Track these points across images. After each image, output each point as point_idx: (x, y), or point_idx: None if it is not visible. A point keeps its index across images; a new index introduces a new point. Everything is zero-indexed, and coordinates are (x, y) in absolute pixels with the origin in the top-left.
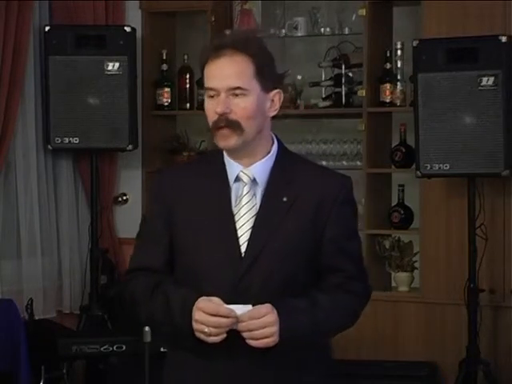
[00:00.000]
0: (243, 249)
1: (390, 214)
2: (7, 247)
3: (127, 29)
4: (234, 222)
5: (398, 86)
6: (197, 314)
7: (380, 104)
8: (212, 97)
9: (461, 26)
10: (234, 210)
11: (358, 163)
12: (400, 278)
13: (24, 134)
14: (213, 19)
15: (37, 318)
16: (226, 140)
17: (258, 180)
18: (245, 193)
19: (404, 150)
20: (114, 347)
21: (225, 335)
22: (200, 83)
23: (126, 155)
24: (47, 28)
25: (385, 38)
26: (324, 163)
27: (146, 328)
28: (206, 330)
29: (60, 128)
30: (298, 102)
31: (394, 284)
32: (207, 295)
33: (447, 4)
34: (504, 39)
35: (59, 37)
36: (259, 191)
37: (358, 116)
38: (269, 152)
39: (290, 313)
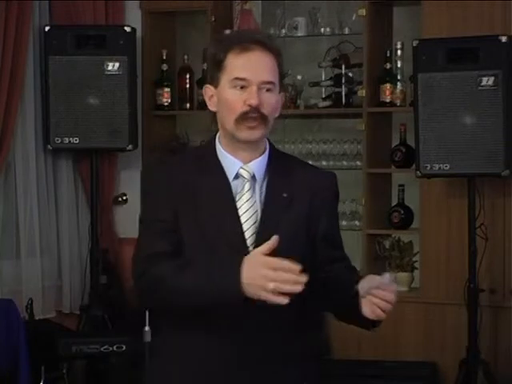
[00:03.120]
0: (249, 244)
1: (390, 214)
2: (7, 247)
3: (127, 29)
4: (239, 218)
5: (398, 86)
6: (261, 270)
7: (380, 104)
8: (240, 87)
9: (461, 26)
10: (236, 206)
11: (358, 163)
12: (400, 278)
13: (24, 134)
14: (213, 19)
15: (37, 318)
16: (253, 131)
17: (256, 176)
18: (246, 189)
19: (404, 150)
20: (114, 347)
21: (288, 299)
22: (200, 83)
23: (126, 155)
24: (47, 28)
25: (385, 38)
26: (324, 163)
27: (146, 328)
28: (272, 285)
29: (60, 128)
30: (298, 102)
31: None
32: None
33: (447, 4)
34: (504, 39)
35: (59, 37)
36: (257, 187)
37: (358, 116)
38: (265, 149)
39: None
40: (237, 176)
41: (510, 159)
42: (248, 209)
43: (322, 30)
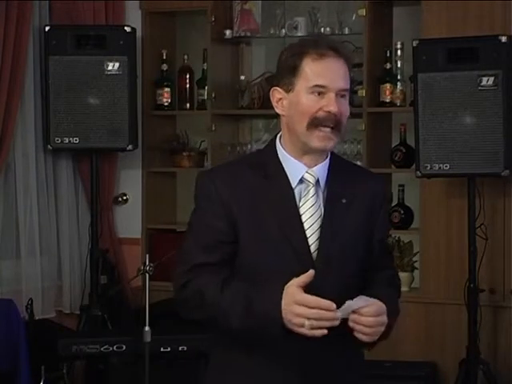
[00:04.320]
0: (313, 249)
1: (390, 214)
2: (7, 247)
3: (127, 29)
4: (301, 224)
5: (398, 86)
6: (296, 308)
7: (380, 104)
8: (318, 94)
9: (461, 26)
10: (300, 210)
11: (358, 163)
12: (400, 278)
13: (24, 134)
14: (213, 19)
15: (37, 318)
16: (327, 141)
17: (320, 181)
18: (311, 194)
19: (404, 150)
20: (114, 347)
21: (326, 331)
22: (200, 83)
23: (126, 155)
24: (47, 28)
25: (385, 38)
26: None
27: (146, 328)
28: (307, 322)
29: (60, 128)
30: None
31: None
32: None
33: (447, 4)
34: (504, 39)
35: (59, 37)
36: (320, 192)
37: (358, 116)
38: (327, 155)
39: (389, 312)
40: (301, 181)
41: (510, 159)
42: (313, 214)
43: (322, 30)
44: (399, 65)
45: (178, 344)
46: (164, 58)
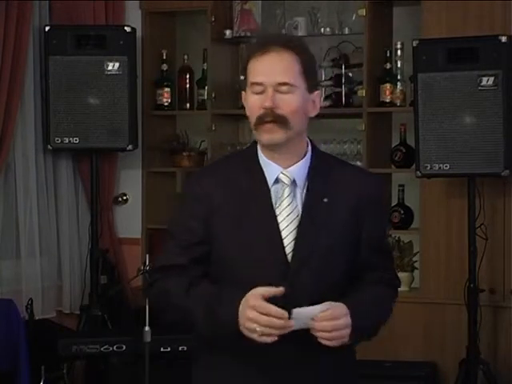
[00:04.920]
0: (288, 251)
1: (390, 214)
2: (7, 247)
3: (127, 29)
4: (277, 224)
5: (398, 86)
6: (248, 312)
7: (380, 104)
8: (258, 93)
9: (461, 26)
10: (276, 211)
11: (358, 163)
12: (400, 278)
13: (24, 134)
14: (213, 19)
15: (37, 318)
16: (272, 134)
17: (297, 181)
18: (286, 195)
19: (404, 150)
20: (114, 347)
21: (276, 338)
22: (200, 83)
23: (126, 155)
24: (47, 28)
25: (385, 38)
26: None
27: (146, 328)
28: (258, 329)
29: (60, 128)
30: None
31: None
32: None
33: (447, 4)
34: (504, 39)
35: (59, 37)
36: (298, 193)
37: (358, 116)
38: (305, 153)
39: (360, 317)
40: (277, 181)
41: (510, 159)
42: (289, 214)
43: (322, 29)
44: (399, 65)
45: (177, 344)
46: (164, 57)
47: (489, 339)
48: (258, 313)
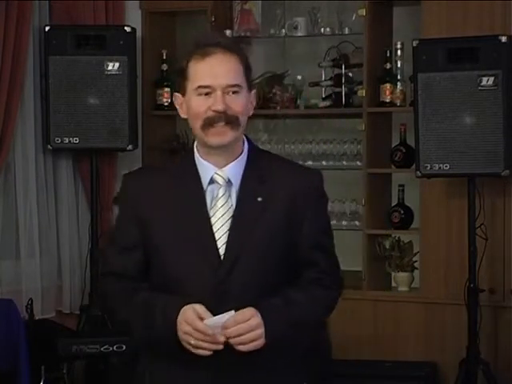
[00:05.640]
0: (221, 251)
1: (390, 214)
2: (7, 247)
3: (127, 29)
4: (210, 225)
5: (398, 86)
6: (183, 325)
7: (380, 104)
8: (205, 94)
9: (461, 26)
10: (210, 212)
11: (358, 163)
12: (400, 278)
13: (24, 134)
14: (213, 19)
15: (37, 318)
16: (222, 136)
17: (232, 181)
18: (220, 195)
19: (404, 150)
20: (114, 347)
21: (210, 352)
22: None
23: (126, 155)
24: (47, 28)
25: (385, 38)
26: (324, 163)
27: None
28: (192, 341)
29: (60, 128)
30: (298, 102)
31: (394, 284)
32: (188, 299)
33: (447, 4)
34: (504, 39)
35: (59, 37)
36: (234, 192)
37: (358, 116)
38: (242, 152)
39: (272, 314)
40: (212, 181)
41: (510, 159)
42: (223, 214)
43: (322, 29)
44: (399, 65)
45: None
46: (164, 58)
47: (489, 339)
48: (192, 327)
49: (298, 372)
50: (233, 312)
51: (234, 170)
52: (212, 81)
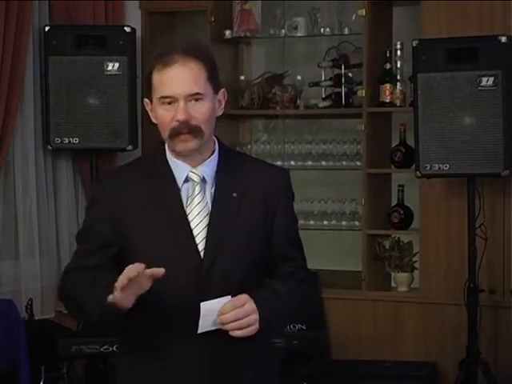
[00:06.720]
0: (200, 247)
1: (389, 214)
2: (6, 247)
3: (127, 29)
4: (188, 223)
5: (398, 86)
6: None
7: (380, 104)
8: (168, 103)
9: (461, 26)
10: (187, 210)
11: (358, 163)
12: (400, 279)
13: (23, 134)
14: (213, 19)
15: (36, 318)
16: (186, 144)
17: (206, 179)
18: (197, 192)
19: (404, 150)
20: (114, 347)
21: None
22: None
23: (126, 155)
24: (47, 28)
25: (385, 38)
26: (324, 163)
27: None
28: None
29: (60, 128)
30: (298, 102)
31: (393, 284)
32: (169, 297)
33: (447, 4)
34: (504, 39)
35: (59, 37)
36: (208, 190)
37: (358, 116)
38: (213, 151)
39: (262, 301)
40: (187, 180)
41: (510, 159)
42: (199, 212)
43: (322, 30)
44: (399, 65)
45: None
46: None
47: (489, 339)
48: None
49: (271, 365)
50: (229, 297)
51: (207, 168)
52: (173, 91)
